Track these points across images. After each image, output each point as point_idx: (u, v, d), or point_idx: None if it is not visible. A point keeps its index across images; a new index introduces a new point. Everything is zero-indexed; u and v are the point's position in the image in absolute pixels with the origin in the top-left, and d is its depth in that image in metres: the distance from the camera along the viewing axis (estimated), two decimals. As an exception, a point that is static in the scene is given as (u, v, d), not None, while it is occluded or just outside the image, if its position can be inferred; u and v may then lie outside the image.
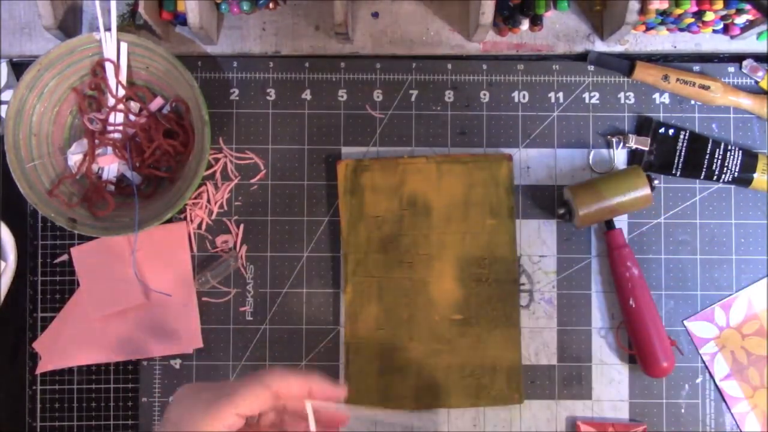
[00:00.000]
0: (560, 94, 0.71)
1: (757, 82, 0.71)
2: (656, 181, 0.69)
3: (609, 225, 0.68)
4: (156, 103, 0.69)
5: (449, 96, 0.71)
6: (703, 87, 0.69)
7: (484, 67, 0.71)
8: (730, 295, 0.70)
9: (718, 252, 0.70)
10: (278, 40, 0.71)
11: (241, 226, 0.70)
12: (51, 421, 0.69)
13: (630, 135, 0.70)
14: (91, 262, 0.69)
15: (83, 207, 0.67)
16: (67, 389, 0.70)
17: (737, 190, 0.70)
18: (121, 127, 0.68)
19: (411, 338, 0.68)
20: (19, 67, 0.71)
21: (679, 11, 0.64)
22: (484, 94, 0.71)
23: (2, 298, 0.69)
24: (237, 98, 0.71)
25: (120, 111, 0.68)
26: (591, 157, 0.71)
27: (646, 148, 0.70)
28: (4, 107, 0.68)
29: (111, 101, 0.68)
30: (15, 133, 0.65)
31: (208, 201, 0.70)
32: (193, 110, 0.67)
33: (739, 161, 0.69)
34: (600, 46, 0.71)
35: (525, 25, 0.69)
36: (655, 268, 0.70)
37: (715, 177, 0.69)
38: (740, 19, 0.67)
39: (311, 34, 0.71)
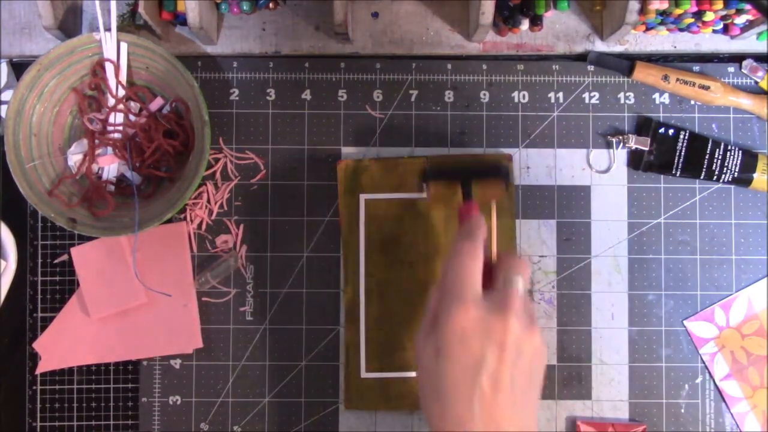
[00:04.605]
0: (560, 94, 0.71)
1: (757, 82, 0.71)
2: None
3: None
4: (156, 103, 0.69)
5: (449, 96, 0.71)
6: (703, 87, 0.69)
7: (484, 67, 0.71)
8: (730, 295, 0.70)
9: (718, 252, 0.70)
10: (278, 40, 0.71)
11: (241, 226, 0.70)
12: (51, 421, 0.69)
13: (630, 135, 0.70)
14: (91, 262, 0.69)
15: (83, 207, 0.67)
16: (67, 389, 0.70)
17: (737, 190, 0.70)
18: (121, 127, 0.68)
19: (411, 338, 0.68)
20: (19, 67, 0.71)
21: (679, 11, 0.64)
22: (484, 94, 0.71)
23: (2, 298, 0.69)
24: (237, 98, 0.71)
25: (120, 111, 0.68)
26: (591, 157, 0.71)
27: (646, 148, 0.70)
28: (4, 107, 0.68)
29: (111, 101, 0.68)
30: (15, 133, 0.65)
31: (208, 201, 0.70)
32: (193, 110, 0.67)
33: (739, 161, 0.69)
34: (600, 46, 0.71)
35: (525, 25, 0.69)
36: (655, 268, 0.70)
37: (715, 177, 0.69)
38: (740, 19, 0.67)
39: (311, 34, 0.71)
